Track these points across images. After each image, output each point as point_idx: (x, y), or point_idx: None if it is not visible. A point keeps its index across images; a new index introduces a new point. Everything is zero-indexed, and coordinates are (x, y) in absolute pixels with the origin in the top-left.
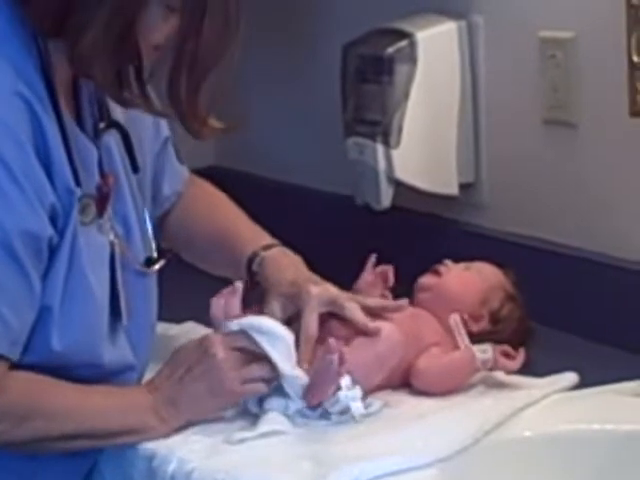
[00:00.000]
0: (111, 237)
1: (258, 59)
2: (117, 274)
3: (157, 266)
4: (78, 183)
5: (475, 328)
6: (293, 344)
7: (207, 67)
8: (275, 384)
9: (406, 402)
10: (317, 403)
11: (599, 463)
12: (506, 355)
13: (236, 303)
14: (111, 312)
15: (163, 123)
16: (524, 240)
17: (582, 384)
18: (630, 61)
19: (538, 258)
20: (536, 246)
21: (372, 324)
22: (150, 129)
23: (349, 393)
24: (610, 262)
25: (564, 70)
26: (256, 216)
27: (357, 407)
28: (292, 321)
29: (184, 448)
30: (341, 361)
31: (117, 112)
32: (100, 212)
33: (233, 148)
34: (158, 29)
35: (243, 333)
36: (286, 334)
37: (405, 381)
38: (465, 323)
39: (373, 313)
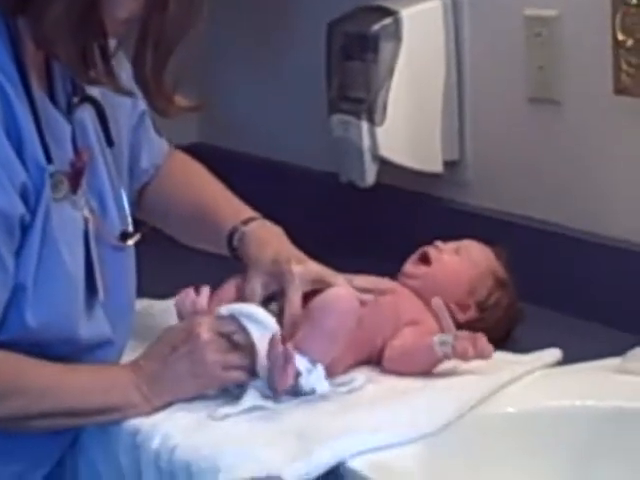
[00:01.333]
0: (85, 213)
1: (242, 36)
2: (92, 249)
3: (132, 240)
4: (50, 160)
5: (462, 317)
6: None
7: (172, 42)
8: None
9: (390, 378)
10: (282, 391)
11: (582, 439)
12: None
13: (203, 301)
14: (87, 288)
15: (139, 99)
16: (508, 217)
17: (565, 360)
18: (614, 39)
19: (522, 235)
20: (520, 223)
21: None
22: (126, 103)
23: (310, 377)
24: (595, 239)
25: (549, 48)
26: (240, 193)
27: (322, 387)
28: (275, 299)
29: (168, 424)
30: (287, 356)
31: (92, 87)
32: (74, 188)
33: (217, 125)
34: (122, 4)
35: (232, 319)
36: (275, 327)
37: (369, 357)
38: (452, 312)
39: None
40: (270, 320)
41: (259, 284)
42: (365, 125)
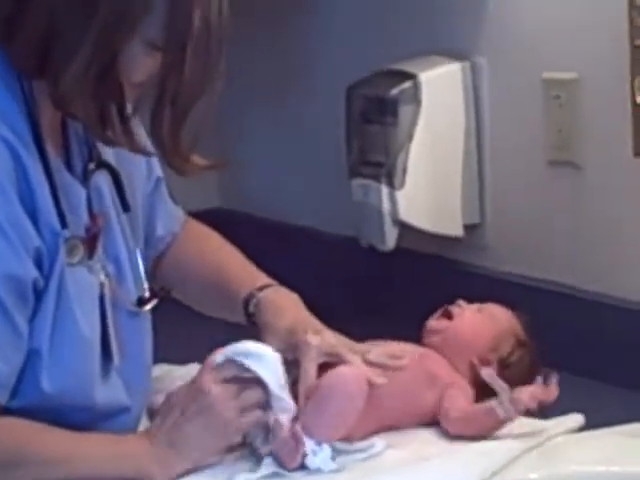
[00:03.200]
0: (101, 278)
1: (261, 101)
2: (107, 314)
3: (149, 305)
4: (65, 225)
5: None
6: (280, 362)
7: (189, 103)
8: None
9: (412, 444)
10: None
11: None
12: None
13: None
14: (103, 353)
15: (156, 163)
16: (529, 281)
17: (588, 425)
18: (634, 102)
19: (543, 299)
20: (541, 287)
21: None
22: (142, 169)
23: (316, 458)
24: (615, 303)
25: (568, 111)
26: (260, 258)
27: (329, 467)
28: (288, 368)
29: None
30: (297, 440)
31: (108, 153)
32: (90, 253)
33: (236, 190)
34: (140, 67)
35: (230, 362)
36: (270, 352)
37: (419, 421)
38: (474, 367)
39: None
40: (264, 349)
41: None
42: (385, 189)
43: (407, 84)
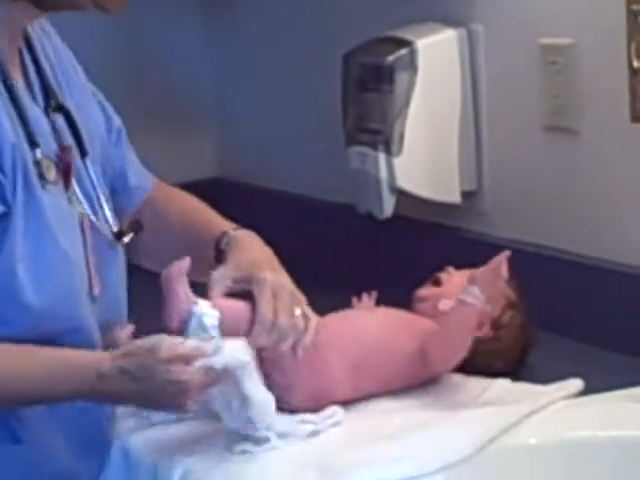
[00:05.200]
0: (80, 209)
1: (258, 71)
2: (87, 244)
3: (127, 238)
4: (35, 145)
5: (476, 334)
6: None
7: None
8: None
9: (409, 410)
10: (175, 325)
11: (605, 470)
12: None
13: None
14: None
15: (112, 112)
16: (526, 247)
17: (587, 390)
18: (630, 67)
19: (540, 265)
20: (538, 253)
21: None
22: (97, 113)
23: (205, 310)
24: (613, 267)
25: (565, 77)
26: (258, 226)
27: (211, 324)
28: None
29: (187, 459)
30: (177, 277)
31: (66, 99)
32: (66, 184)
33: (234, 159)
34: None
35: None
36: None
37: (413, 382)
38: None
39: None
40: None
41: (229, 279)
42: (382, 156)
43: (403, 51)
